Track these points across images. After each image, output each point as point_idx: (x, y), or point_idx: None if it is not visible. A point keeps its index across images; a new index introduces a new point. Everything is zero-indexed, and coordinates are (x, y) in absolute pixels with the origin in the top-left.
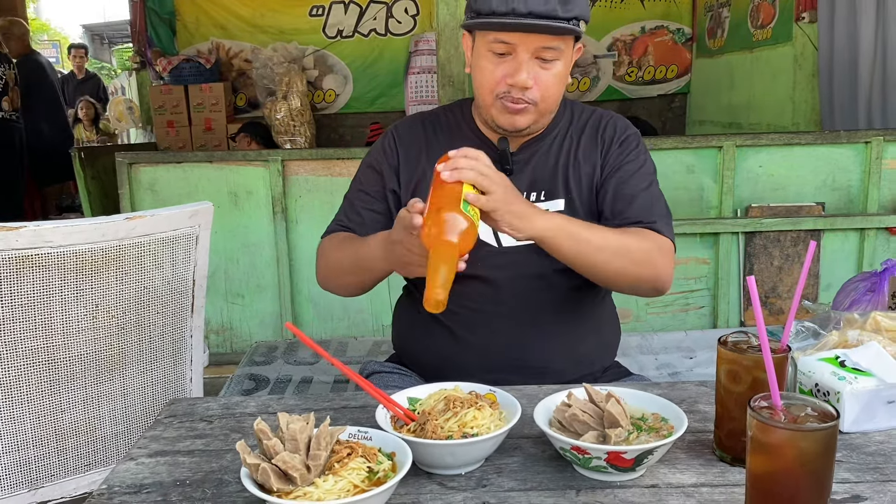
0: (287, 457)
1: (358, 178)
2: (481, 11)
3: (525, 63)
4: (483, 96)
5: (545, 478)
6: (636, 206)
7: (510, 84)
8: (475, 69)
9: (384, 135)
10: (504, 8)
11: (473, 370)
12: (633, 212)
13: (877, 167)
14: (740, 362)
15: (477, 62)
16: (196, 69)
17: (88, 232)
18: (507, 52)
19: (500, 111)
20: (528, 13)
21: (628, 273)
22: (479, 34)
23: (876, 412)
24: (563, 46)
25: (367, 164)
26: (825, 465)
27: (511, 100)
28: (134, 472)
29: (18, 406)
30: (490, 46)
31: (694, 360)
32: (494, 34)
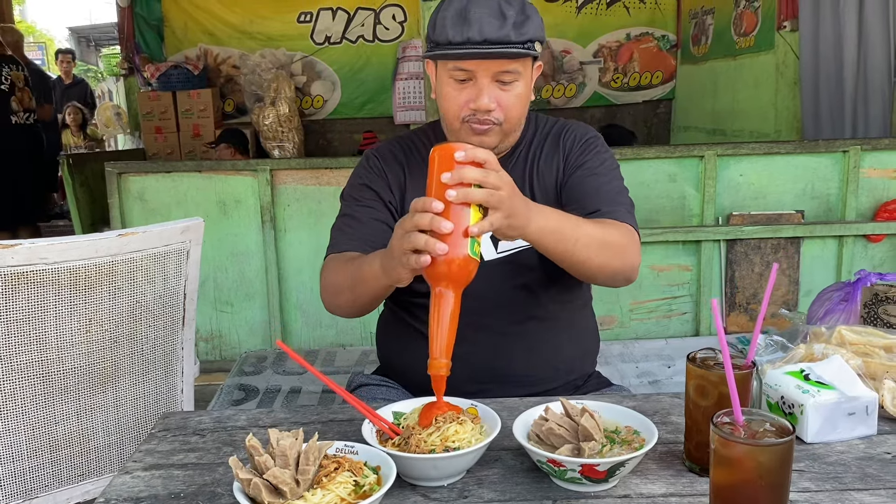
0: (277, 472)
1: (352, 198)
2: (439, 42)
3: (485, 87)
4: (450, 121)
5: (523, 489)
6: (602, 197)
7: (473, 108)
8: (439, 96)
9: (364, 158)
10: (460, 38)
11: (457, 382)
12: (600, 203)
13: (854, 176)
14: (707, 378)
15: (440, 89)
16: (184, 75)
17: (82, 248)
18: (467, 77)
19: (467, 133)
20: (482, 41)
21: (610, 265)
22: (440, 63)
23: (837, 424)
24: (520, 69)
25: (358, 184)
26: (783, 476)
27: (476, 121)
28: (130, 486)
29: (13, 418)
30: (451, 74)
31: (673, 368)
32: (454, 63)
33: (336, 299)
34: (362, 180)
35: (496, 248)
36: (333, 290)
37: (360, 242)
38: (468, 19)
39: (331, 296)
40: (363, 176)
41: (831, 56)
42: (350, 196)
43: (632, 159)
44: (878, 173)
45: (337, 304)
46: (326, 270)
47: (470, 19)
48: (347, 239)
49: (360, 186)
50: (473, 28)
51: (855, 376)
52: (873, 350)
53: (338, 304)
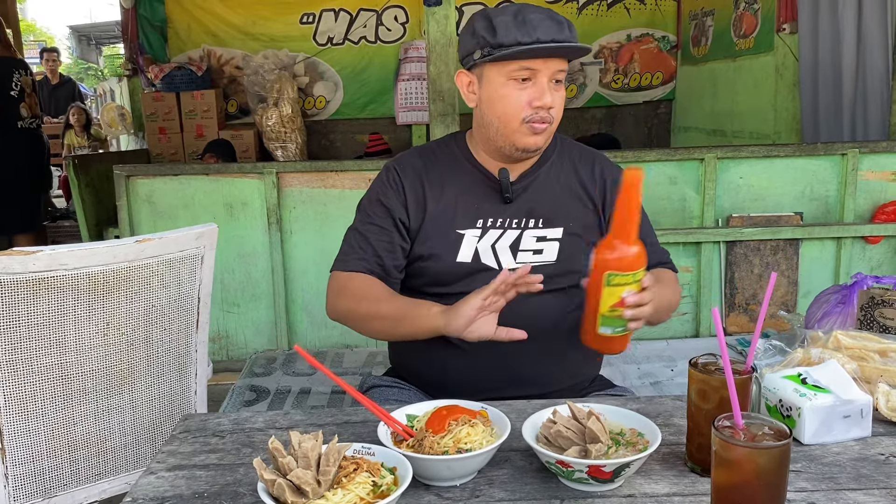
0: (300, 473)
1: (366, 213)
2: (504, 43)
3: (546, 85)
4: (507, 123)
5: (532, 488)
6: (651, 247)
7: (538, 105)
8: (495, 98)
9: (385, 171)
10: (528, 38)
11: (472, 382)
12: (652, 255)
13: (853, 178)
14: (709, 383)
15: (496, 91)
16: (188, 76)
17: (101, 255)
18: (529, 77)
19: (524, 134)
20: (550, 40)
21: (667, 317)
22: (494, 67)
23: (833, 426)
24: (567, 70)
25: (374, 198)
26: (780, 477)
27: (538, 120)
28: (155, 486)
29: (34, 419)
30: (512, 74)
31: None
32: (519, 62)
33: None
34: (378, 195)
35: (514, 259)
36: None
37: (370, 264)
38: (530, 23)
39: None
40: (380, 191)
41: (830, 58)
42: (365, 210)
43: (633, 162)
44: (876, 176)
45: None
46: (348, 292)
47: (532, 23)
48: (358, 259)
49: (376, 202)
50: (539, 30)
51: (850, 380)
52: (868, 354)
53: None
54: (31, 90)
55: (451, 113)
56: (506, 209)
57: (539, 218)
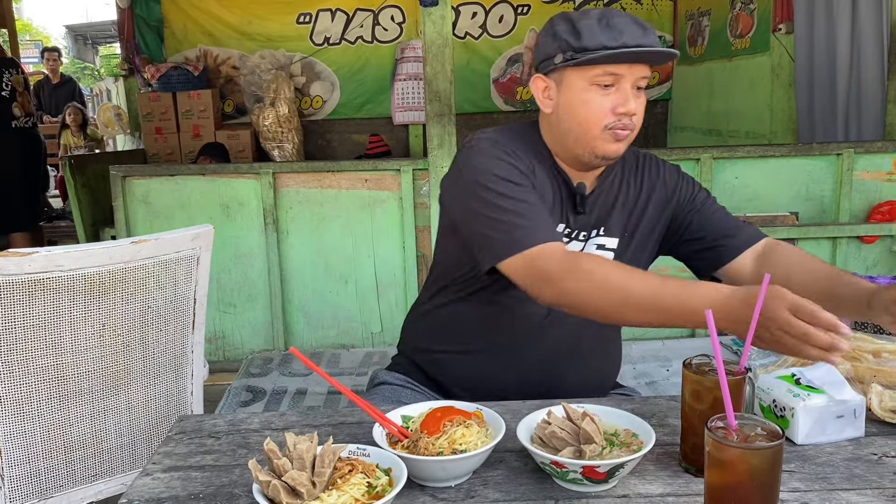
0: (295, 474)
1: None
2: (589, 47)
3: (629, 91)
4: (588, 129)
5: (527, 489)
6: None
7: (622, 112)
8: (575, 105)
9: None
10: (615, 43)
11: (510, 387)
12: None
13: (848, 178)
14: (703, 384)
15: (578, 97)
16: (184, 76)
17: (97, 256)
18: (612, 83)
19: (607, 141)
20: (637, 45)
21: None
22: (575, 72)
23: (826, 426)
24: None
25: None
26: (773, 478)
27: (620, 126)
28: (151, 487)
29: (29, 420)
30: (595, 80)
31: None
32: (604, 67)
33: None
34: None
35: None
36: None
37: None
38: (616, 27)
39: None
40: (499, 155)
41: (825, 58)
42: (497, 176)
43: None
44: (871, 176)
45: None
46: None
47: (619, 27)
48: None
49: (507, 165)
50: (625, 34)
51: (843, 380)
52: (862, 355)
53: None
54: (23, 89)
55: (448, 113)
56: (577, 218)
57: (601, 227)
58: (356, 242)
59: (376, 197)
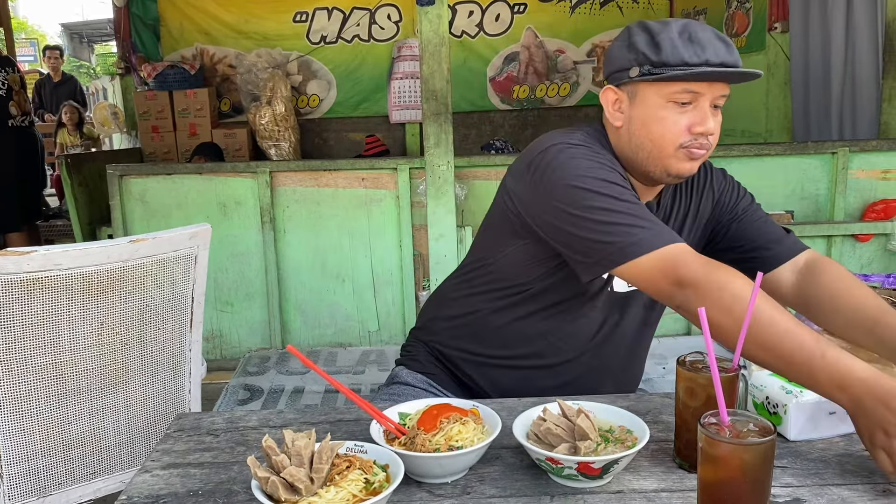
0: (294, 470)
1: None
2: (669, 63)
3: (708, 111)
4: (663, 147)
5: (523, 485)
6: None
7: (699, 131)
8: (649, 121)
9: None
10: (697, 59)
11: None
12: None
13: (843, 177)
14: (696, 381)
15: (654, 113)
16: (180, 75)
17: (95, 255)
18: (690, 101)
19: (681, 160)
20: (720, 63)
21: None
22: (652, 87)
23: (819, 423)
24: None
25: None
26: (765, 473)
27: (697, 146)
28: (150, 484)
29: (29, 418)
30: (673, 97)
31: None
32: (683, 84)
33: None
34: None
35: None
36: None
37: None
38: (699, 42)
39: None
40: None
41: (821, 57)
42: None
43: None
44: (866, 174)
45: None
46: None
47: (702, 42)
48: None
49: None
50: (709, 50)
51: None
52: (856, 351)
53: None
54: (19, 87)
55: (444, 112)
56: None
57: None
58: (353, 241)
59: (373, 196)
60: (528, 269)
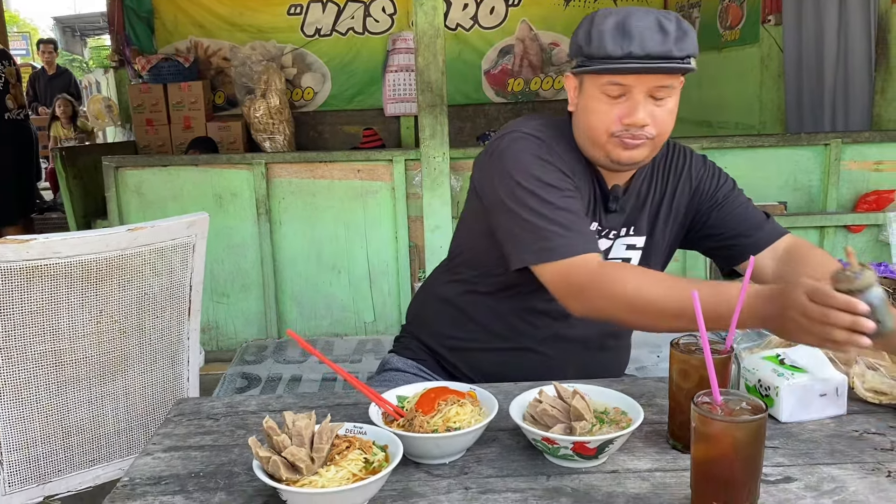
0: (294, 450)
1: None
2: (594, 56)
3: (641, 103)
4: (596, 136)
5: (519, 465)
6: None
7: (628, 123)
8: (585, 110)
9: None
10: (620, 52)
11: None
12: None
13: (835, 168)
14: (689, 362)
15: (588, 104)
16: (175, 68)
17: (94, 243)
18: (621, 93)
19: (615, 147)
20: (644, 55)
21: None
22: (588, 78)
23: (810, 404)
24: (675, 84)
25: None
26: (756, 450)
27: (629, 136)
28: (152, 466)
29: (28, 406)
30: (604, 89)
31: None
32: (609, 77)
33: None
34: (540, 158)
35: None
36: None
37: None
38: (629, 33)
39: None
40: (543, 156)
41: (814, 50)
42: (540, 181)
43: None
44: (859, 166)
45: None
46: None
47: (631, 33)
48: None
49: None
50: (635, 42)
51: (826, 360)
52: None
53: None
54: (15, 81)
55: (440, 104)
56: (608, 217)
57: (631, 226)
58: (349, 232)
59: (369, 187)
60: (499, 256)
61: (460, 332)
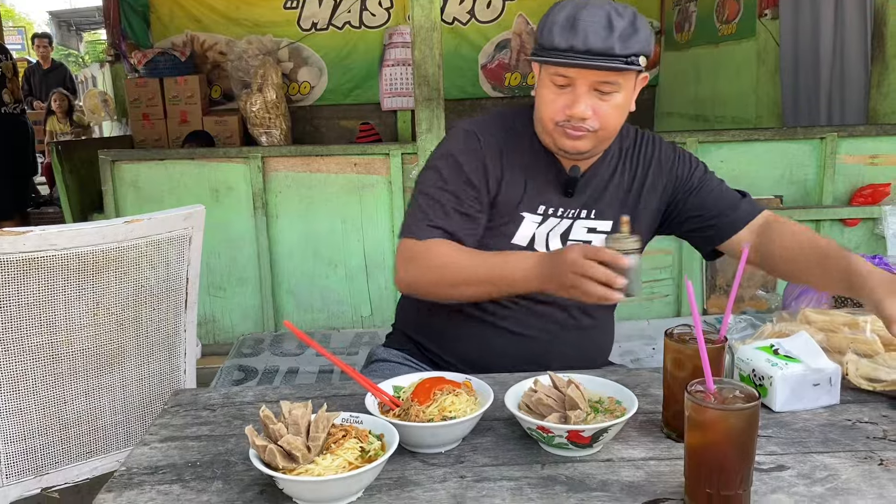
0: (291, 439)
1: (439, 175)
2: (544, 46)
3: (583, 96)
4: (544, 124)
5: (514, 454)
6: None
7: (569, 115)
8: (538, 97)
9: (465, 133)
10: (564, 45)
11: (506, 362)
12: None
13: (831, 162)
14: (683, 352)
15: (539, 91)
16: (171, 62)
17: (90, 235)
18: (566, 84)
19: (560, 136)
20: (586, 51)
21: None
22: (542, 67)
23: (804, 394)
24: (621, 80)
25: (450, 160)
26: (749, 438)
27: (571, 127)
28: (149, 456)
29: (25, 398)
30: (552, 78)
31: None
32: (555, 68)
33: (450, 291)
34: (456, 157)
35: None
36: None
37: (444, 231)
38: (576, 27)
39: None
40: (458, 153)
41: (810, 44)
42: (438, 172)
43: None
44: (854, 159)
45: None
46: (429, 253)
47: (577, 27)
48: (429, 225)
49: (453, 165)
50: (579, 37)
51: (820, 350)
52: (837, 327)
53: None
54: (11, 75)
55: (437, 98)
56: (566, 200)
57: (592, 209)
58: (345, 226)
59: (365, 181)
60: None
61: (435, 320)
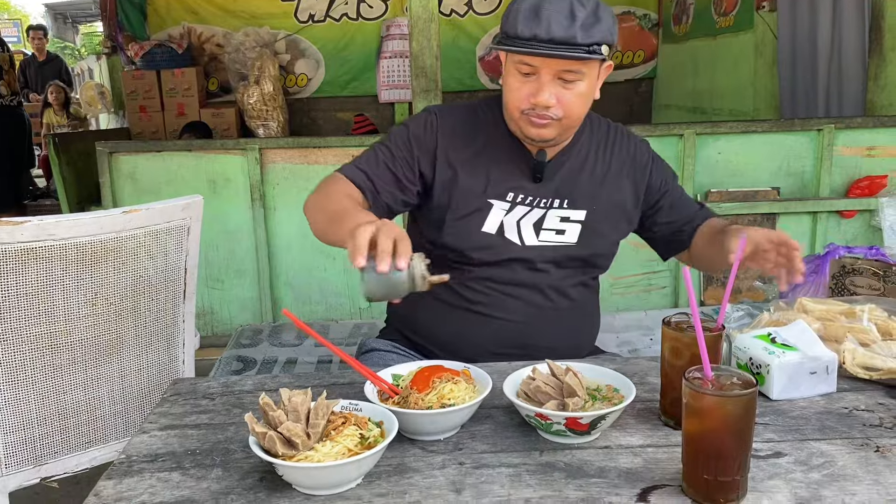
0: (291, 426)
1: (393, 139)
2: (508, 34)
3: (547, 84)
4: (510, 111)
5: (513, 441)
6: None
7: (533, 103)
8: (504, 85)
9: (427, 113)
10: (527, 34)
11: (487, 346)
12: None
13: (828, 154)
14: (681, 340)
15: (505, 79)
16: (168, 54)
17: (88, 225)
18: (530, 72)
19: (525, 124)
20: (548, 40)
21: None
22: (507, 54)
23: (800, 382)
24: (584, 69)
25: (404, 131)
26: (746, 424)
27: (535, 115)
28: (148, 444)
29: (23, 388)
30: (516, 67)
31: (652, 339)
32: (518, 56)
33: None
34: (410, 130)
35: (537, 238)
36: (323, 215)
37: (366, 181)
38: (539, 16)
39: (313, 210)
40: (414, 128)
41: (808, 36)
42: (393, 135)
43: None
44: (851, 151)
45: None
46: (330, 184)
47: (541, 16)
48: (358, 170)
49: (404, 136)
50: (542, 26)
51: (817, 338)
52: (834, 316)
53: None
54: (8, 67)
55: (434, 89)
56: (536, 187)
57: (565, 199)
58: None
59: None
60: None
61: (420, 312)
